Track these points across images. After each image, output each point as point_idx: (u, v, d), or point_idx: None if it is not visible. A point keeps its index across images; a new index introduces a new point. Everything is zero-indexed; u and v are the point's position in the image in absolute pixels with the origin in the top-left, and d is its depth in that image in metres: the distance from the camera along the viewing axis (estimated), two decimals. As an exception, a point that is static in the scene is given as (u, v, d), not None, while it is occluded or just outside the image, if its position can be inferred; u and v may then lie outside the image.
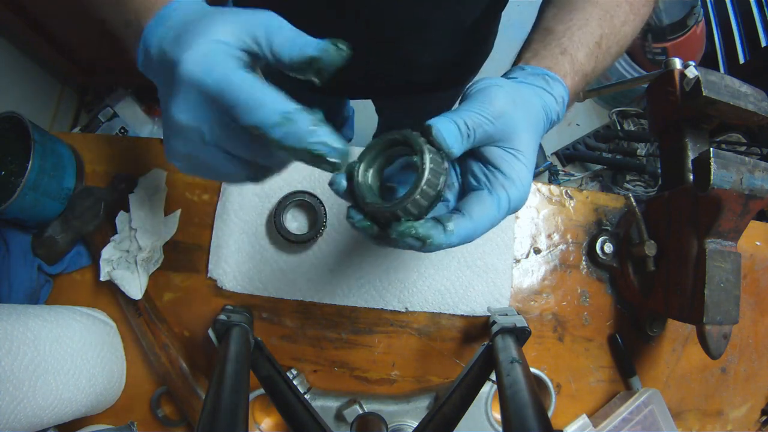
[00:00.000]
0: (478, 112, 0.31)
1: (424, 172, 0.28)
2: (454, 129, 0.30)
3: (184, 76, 0.26)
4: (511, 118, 0.32)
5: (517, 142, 0.32)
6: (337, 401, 0.51)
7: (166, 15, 0.30)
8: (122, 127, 1.57)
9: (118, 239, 0.53)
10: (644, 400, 0.51)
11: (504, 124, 0.32)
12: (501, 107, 0.32)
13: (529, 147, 0.33)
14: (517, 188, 0.32)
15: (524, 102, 0.34)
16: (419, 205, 0.29)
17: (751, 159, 0.43)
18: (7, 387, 0.38)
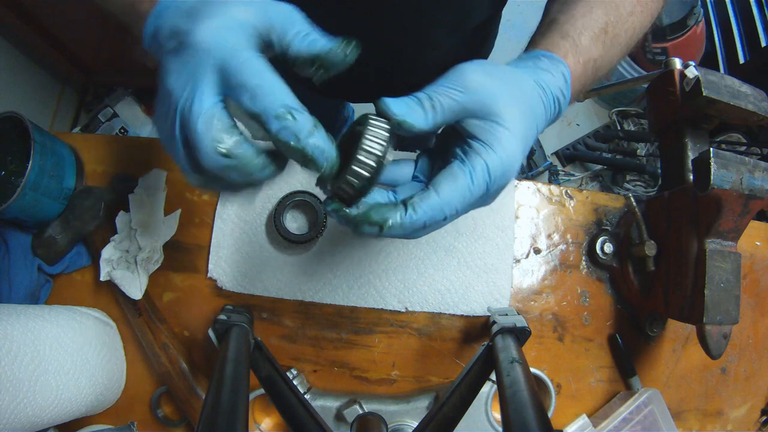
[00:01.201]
0: (443, 84, 0.30)
1: (360, 140, 0.27)
2: (406, 101, 0.29)
3: (195, 43, 0.26)
4: (487, 89, 0.30)
5: (498, 112, 0.30)
6: (337, 401, 0.51)
7: None
8: (122, 127, 1.57)
9: (118, 239, 0.53)
10: (644, 400, 0.51)
11: (479, 95, 0.30)
12: (472, 79, 0.30)
13: (515, 117, 0.30)
14: (497, 155, 0.29)
15: (506, 76, 0.32)
16: (359, 175, 0.27)
17: (751, 159, 0.43)
18: (7, 387, 0.38)
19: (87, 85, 1.69)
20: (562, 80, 0.34)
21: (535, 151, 1.69)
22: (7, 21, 1.25)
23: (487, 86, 0.30)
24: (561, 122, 1.78)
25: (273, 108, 0.25)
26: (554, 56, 0.35)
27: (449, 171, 0.30)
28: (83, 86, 1.69)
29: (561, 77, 0.34)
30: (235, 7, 0.27)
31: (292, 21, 0.28)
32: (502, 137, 0.30)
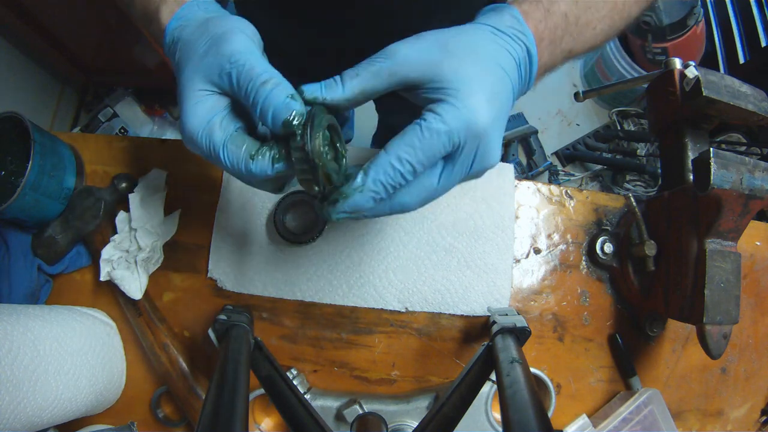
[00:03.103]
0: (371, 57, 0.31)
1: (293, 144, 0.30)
2: (322, 82, 0.31)
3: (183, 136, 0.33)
4: (415, 50, 0.30)
5: (438, 71, 0.29)
6: (337, 401, 0.51)
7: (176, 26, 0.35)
8: (122, 127, 1.58)
9: (118, 239, 0.53)
10: (644, 400, 0.51)
11: (409, 57, 0.30)
12: (396, 47, 0.30)
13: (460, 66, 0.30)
14: (449, 104, 0.29)
15: (440, 32, 0.31)
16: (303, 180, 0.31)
17: (751, 159, 0.43)
18: (7, 387, 0.38)
19: (87, 85, 1.69)
20: (511, 19, 0.33)
21: (535, 151, 1.69)
22: (7, 21, 1.25)
23: (415, 47, 0.30)
24: (561, 122, 1.78)
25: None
26: (498, 5, 0.35)
27: (401, 132, 0.30)
28: (83, 86, 1.69)
29: (509, 17, 0.34)
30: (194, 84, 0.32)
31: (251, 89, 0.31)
32: (451, 89, 0.29)
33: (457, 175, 0.31)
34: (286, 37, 0.64)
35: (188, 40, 0.34)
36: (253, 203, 0.56)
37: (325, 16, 0.56)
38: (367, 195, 0.30)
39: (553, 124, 1.77)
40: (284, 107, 0.29)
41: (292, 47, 0.65)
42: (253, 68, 0.31)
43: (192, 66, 0.33)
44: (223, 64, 0.31)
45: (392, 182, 0.30)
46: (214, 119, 0.32)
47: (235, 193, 0.56)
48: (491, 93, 0.30)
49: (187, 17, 0.36)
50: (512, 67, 0.32)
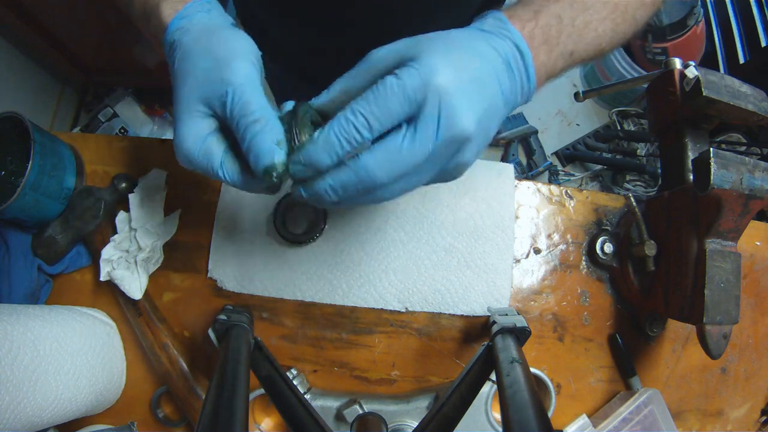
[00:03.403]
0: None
1: None
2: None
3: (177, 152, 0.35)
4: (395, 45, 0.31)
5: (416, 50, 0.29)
6: (337, 401, 0.51)
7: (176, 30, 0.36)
8: (122, 127, 1.58)
9: (118, 239, 0.53)
10: (644, 400, 0.51)
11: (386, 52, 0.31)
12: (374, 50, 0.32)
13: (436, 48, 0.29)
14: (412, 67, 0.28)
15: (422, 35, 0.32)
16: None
17: (751, 159, 0.43)
18: (7, 387, 0.38)
19: (87, 85, 1.69)
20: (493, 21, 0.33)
21: (535, 151, 1.69)
22: (7, 21, 1.25)
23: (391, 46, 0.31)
24: (561, 122, 1.78)
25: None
26: (487, 12, 0.35)
27: None
28: (83, 86, 1.69)
29: (491, 20, 0.34)
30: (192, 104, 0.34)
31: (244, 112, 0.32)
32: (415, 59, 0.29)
33: (422, 140, 0.29)
34: (286, 36, 0.64)
35: (190, 51, 0.34)
36: (253, 203, 0.56)
37: (325, 15, 0.56)
38: (320, 146, 0.29)
39: (553, 124, 1.77)
40: (268, 153, 0.31)
41: (292, 46, 0.65)
42: (249, 104, 0.32)
43: (192, 83, 0.33)
44: (222, 92, 0.32)
45: (345, 135, 0.29)
46: (210, 138, 0.34)
47: (235, 193, 0.56)
48: (459, 62, 0.29)
49: (191, 19, 0.36)
50: (493, 57, 0.31)
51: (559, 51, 0.35)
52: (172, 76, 0.36)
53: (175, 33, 0.36)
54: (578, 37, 0.36)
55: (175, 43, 0.35)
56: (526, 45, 0.33)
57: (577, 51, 0.36)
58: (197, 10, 0.37)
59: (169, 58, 0.36)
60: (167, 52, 0.37)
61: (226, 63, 0.33)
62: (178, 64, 0.35)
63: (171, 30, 0.36)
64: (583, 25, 0.36)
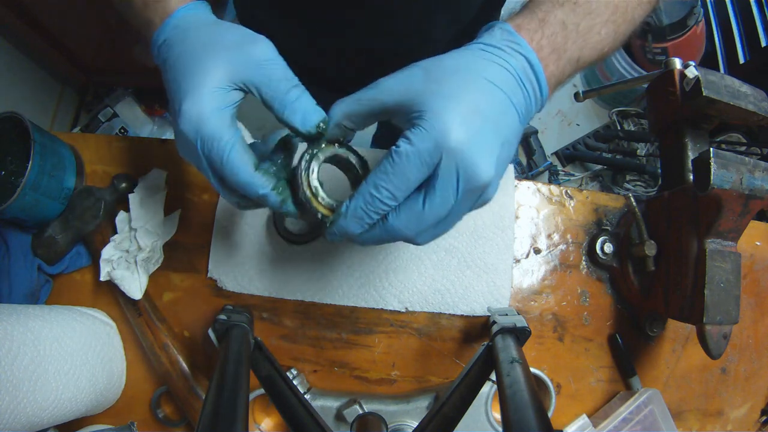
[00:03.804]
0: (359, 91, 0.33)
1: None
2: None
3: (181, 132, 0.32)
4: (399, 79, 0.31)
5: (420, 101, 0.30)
6: (337, 401, 0.51)
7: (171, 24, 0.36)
8: (122, 127, 1.58)
9: (118, 239, 0.53)
10: (644, 400, 0.51)
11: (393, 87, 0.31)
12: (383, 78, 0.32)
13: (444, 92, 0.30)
14: (420, 129, 0.29)
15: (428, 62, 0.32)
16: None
17: (751, 159, 0.43)
18: (7, 387, 0.38)
19: (87, 85, 1.69)
20: (501, 32, 0.33)
21: (535, 151, 1.69)
22: (7, 21, 1.25)
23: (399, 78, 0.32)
24: (561, 122, 1.78)
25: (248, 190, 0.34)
26: (491, 23, 0.35)
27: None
28: (83, 86, 1.69)
29: (499, 31, 0.34)
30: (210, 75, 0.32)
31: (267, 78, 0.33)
32: (425, 113, 0.29)
33: (442, 198, 0.30)
34: (286, 37, 0.64)
35: (207, 33, 0.34)
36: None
37: (324, 16, 0.56)
38: (351, 221, 0.31)
39: (553, 124, 1.77)
40: (315, 111, 0.32)
41: (293, 46, 0.65)
42: (285, 71, 0.33)
43: (218, 52, 0.33)
44: (257, 59, 0.33)
45: (372, 208, 0.30)
46: (227, 112, 0.33)
47: (235, 193, 0.56)
48: (469, 109, 0.29)
49: (200, 9, 0.37)
50: (505, 79, 0.32)
51: (567, 58, 0.35)
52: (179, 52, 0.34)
53: (185, 18, 0.36)
54: (583, 42, 0.36)
55: (181, 31, 0.35)
56: (536, 58, 0.33)
57: (582, 56, 0.36)
58: (204, 6, 0.38)
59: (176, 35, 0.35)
60: (171, 30, 0.36)
61: (256, 38, 0.34)
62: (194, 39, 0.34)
63: (180, 14, 0.36)
64: (587, 30, 0.36)
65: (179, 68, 0.34)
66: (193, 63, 0.33)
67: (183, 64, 0.34)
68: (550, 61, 0.34)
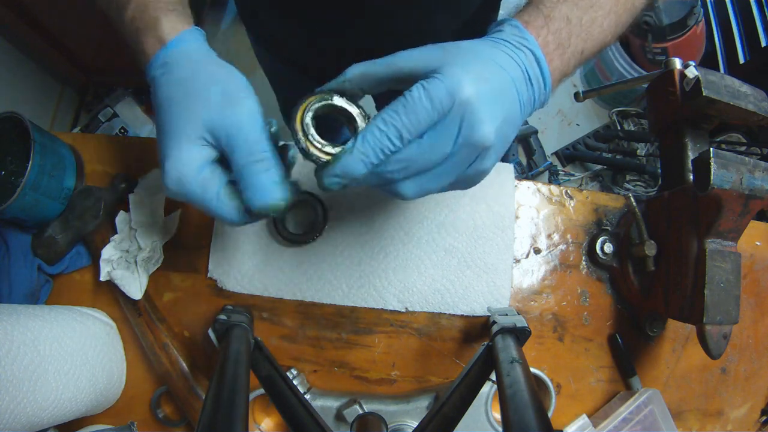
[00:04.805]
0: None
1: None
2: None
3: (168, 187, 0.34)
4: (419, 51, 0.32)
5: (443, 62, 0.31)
6: (337, 401, 0.51)
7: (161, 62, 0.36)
8: (122, 127, 1.58)
9: (118, 239, 0.53)
10: (644, 400, 0.51)
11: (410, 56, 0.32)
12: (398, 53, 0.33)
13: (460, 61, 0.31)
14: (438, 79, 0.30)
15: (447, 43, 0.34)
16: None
17: (751, 159, 0.43)
18: (6, 387, 0.38)
19: (87, 85, 1.69)
20: (511, 29, 0.35)
21: (535, 151, 1.69)
22: (7, 21, 1.25)
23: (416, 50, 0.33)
24: (561, 122, 1.78)
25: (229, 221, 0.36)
26: (499, 20, 0.36)
27: None
28: (83, 86, 1.69)
29: (509, 27, 0.35)
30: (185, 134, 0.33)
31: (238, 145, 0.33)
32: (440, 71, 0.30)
33: (440, 142, 0.31)
34: (286, 37, 0.64)
35: (191, 80, 0.34)
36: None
37: (325, 16, 0.56)
38: (357, 157, 0.31)
39: (553, 124, 1.77)
40: (270, 191, 0.32)
41: (293, 46, 0.65)
42: (254, 142, 0.33)
43: (197, 107, 0.33)
44: (229, 124, 0.33)
45: (380, 145, 0.30)
46: (208, 168, 0.34)
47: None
48: (479, 76, 0.31)
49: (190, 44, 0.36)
50: (512, 66, 0.33)
51: (571, 52, 0.36)
52: (164, 96, 0.35)
53: (173, 53, 0.36)
54: (586, 35, 0.37)
55: (172, 64, 0.35)
56: (542, 53, 0.34)
57: (586, 48, 0.37)
58: (196, 37, 0.37)
59: (162, 76, 0.36)
60: (159, 68, 0.36)
61: (237, 98, 0.34)
62: (178, 84, 0.34)
63: (171, 47, 0.36)
64: (590, 23, 0.37)
65: (162, 117, 0.35)
66: (174, 118, 0.34)
67: (165, 114, 0.35)
68: (555, 56, 0.35)
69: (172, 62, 0.35)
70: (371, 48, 0.43)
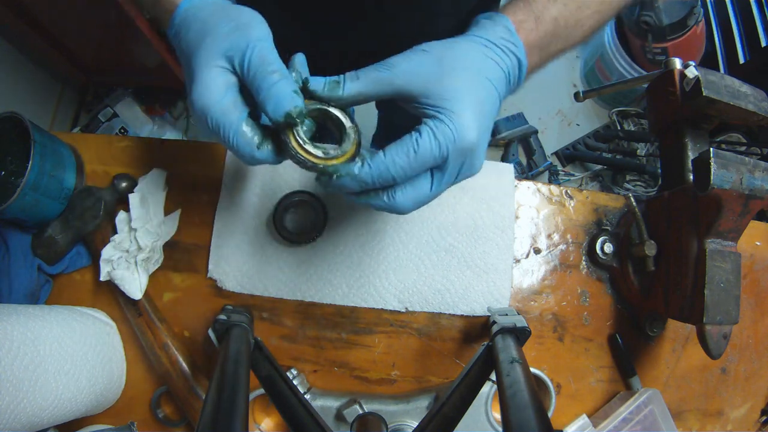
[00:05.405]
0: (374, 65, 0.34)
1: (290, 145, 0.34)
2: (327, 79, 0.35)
3: (194, 116, 0.35)
4: (415, 64, 0.34)
5: (435, 88, 0.33)
6: (337, 401, 0.51)
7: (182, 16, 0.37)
8: (122, 127, 1.57)
9: (118, 239, 0.53)
10: (644, 400, 0.51)
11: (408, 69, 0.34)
12: (397, 58, 0.34)
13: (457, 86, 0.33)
14: (442, 121, 0.32)
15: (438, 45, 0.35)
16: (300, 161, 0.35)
17: (751, 159, 0.43)
18: (7, 387, 0.38)
19: (87, 85, 1.69)
20: (503, 30, 0.37)
21: (535, 151, 1.69)
22: (7, 21, 1.25)
23: (413, 60, 0.34)
24: (561, 122, 1.78)
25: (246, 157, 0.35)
26: (494, 14, 0.38)
27: (399, 139, 0.33)
28: (83, 86, 1.69)
29: (502, 28, 0.37)
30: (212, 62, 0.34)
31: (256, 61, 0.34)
32: (443, 108, 0.33)
33: (445, 183, 0.35)
34: (289, 39, 0.64)
35: (208, 19, 0.35)
36: (253, 203, 0.56)
37: (327, 19, 0.56)
38: (356, 182, 0.33)
39: (553, 124, 1.77)
40: (287, 100, 0.32)
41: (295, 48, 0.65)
42: (266, 56, 0.33)
43: (213, 41, 0.34)
44: (243, 46, 0.33)
45: (381, 180, 0.33)
46: (228, 98, 0.34)
47: (235, 193, 0.56)
48: (479, 110, 0.34)
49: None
50: (500, 78, 0.36)
51: (549, 52, 0.39)
52: (186, 47, 0.36)
53: (189, 10, 0.37)
54: (567, 36, 0.40)
55: (188, 19, 0.36)
56: (525, 58, 0.37)
57: (564, 49, 0.40)
58: None
59: (181, 34, 0.37)
60: (177, 30, 0.37)
61: (247, 25, 0.35)
62: (194, 32, 0.35)
63: (183, 8, 0.37)
64: (574, 24, 0.39)
65: (186, 59, 0.36)
66: (195, 55, 0.35)
67: (189, 55, 0.36)
68: (535, 55, 0.38)
69: (191, 13, 0.37)
70: (374, 50, 0.43)
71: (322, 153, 0.34)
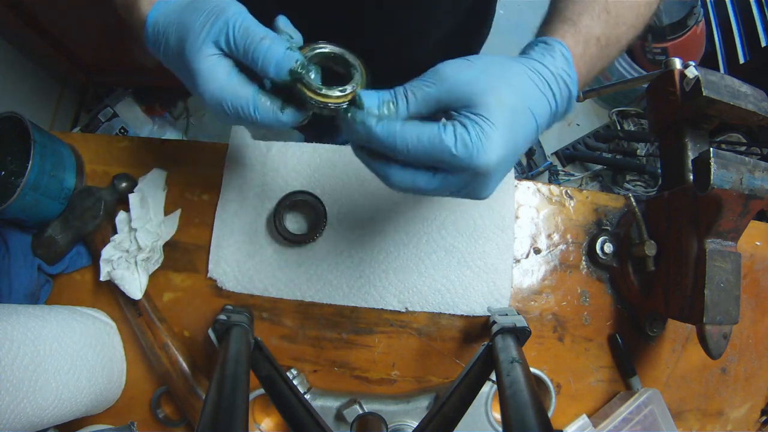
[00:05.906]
0: (419, 78, 0.33)
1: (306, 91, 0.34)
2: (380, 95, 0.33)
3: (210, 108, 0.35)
4: (461, 78, 0.32)
5: (478, 101, 0.31)
6: (337, 401, 0.51)
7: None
8: (122, 127, 1.57)
9: (118, 239, 0.53)
10: (644, 400, 0.51)
11: (454, 84, 0.32)
12: (445, 70, 0.32)
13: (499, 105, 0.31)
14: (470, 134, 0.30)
15: (487, 65, 0.33)
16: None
17: (751, 159, 0.43)
18: (7, 387, 0.38)
19: (87, 85, 1.69)
20: (562, 60, 0.35)
21: (535, 151, 1.69)
22: (7, 21, 1.25)
23: (462, 76, 0.32)
24: (561, 122, 1.77)
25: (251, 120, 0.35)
26: (550, 39, 0.36)
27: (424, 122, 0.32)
28: (83, 86, 1.69)
29: (561, 57, 0.35)
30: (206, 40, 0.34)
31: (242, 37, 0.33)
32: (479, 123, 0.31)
33: (444, 189, 0.33)
34: None
35: (181, 21, 0.35)
36: (254, 203, 0.56)
37: (324, 16, 0.56)
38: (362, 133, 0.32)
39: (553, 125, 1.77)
40: (286, 58, 0.32)
41: None
42: (249, 27, 0.33)
43: (194, 36, 0.34)
44: (224, 26, 0.33)
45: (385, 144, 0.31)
46: (233, 79, 0.34)
47: (235, 193, 0.56)
48: (511, 139, 0.32)
49: (168, 3, 0.37)
50: (545, 113, 0.34)
51: (593, 74, 0.38)
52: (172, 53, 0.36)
53: (159, 18, 0.36)
54: (607, 56, 0.39)
55: (162, 27, 0.36)
56: (577, 89, 0.36)
57: (604, 66, 0.39)
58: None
59: (161, 42, 0.36)
60: (155, 40, 0.37)
61: (218, 8, 0.34)
62: (175, 37, 0.35)
63: (152, 19, 0.36)
64: (615, 42, 0.38)
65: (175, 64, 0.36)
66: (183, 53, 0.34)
67: (177, 58, 0.35)
68: (582, 82, 0.37)
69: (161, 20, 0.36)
70: (372, 48, 0.43)
71: (339, 92, 0.34)
